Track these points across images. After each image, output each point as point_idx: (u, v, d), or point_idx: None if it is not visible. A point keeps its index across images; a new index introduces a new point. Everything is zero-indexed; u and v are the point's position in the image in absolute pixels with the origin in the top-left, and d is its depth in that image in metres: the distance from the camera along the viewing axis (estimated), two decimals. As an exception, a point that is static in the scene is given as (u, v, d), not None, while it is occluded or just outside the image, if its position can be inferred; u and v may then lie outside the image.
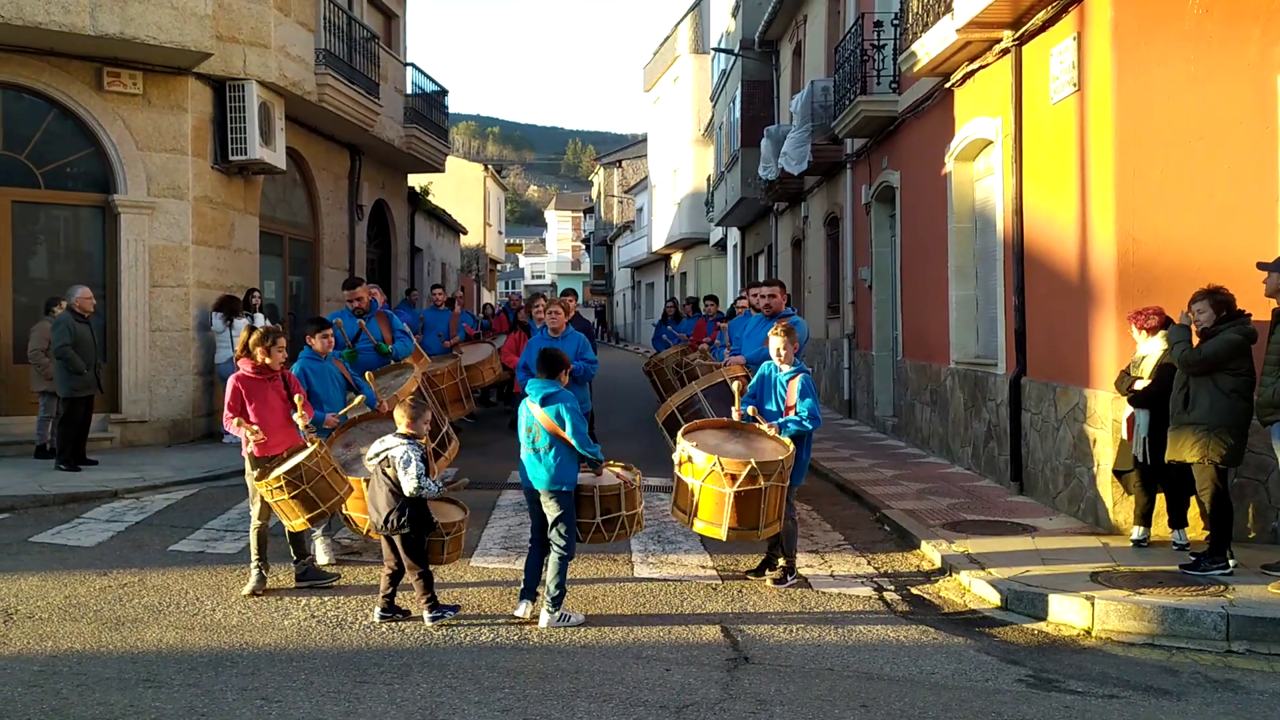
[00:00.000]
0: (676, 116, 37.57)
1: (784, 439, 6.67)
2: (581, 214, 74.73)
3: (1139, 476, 7.44)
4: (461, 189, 37.10)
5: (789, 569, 7.01)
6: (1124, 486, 7.71)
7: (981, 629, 6.22)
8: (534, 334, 10.78)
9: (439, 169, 21.93)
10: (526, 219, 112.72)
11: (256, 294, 13.46)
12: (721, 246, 32.50)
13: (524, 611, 6.23)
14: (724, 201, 26.13)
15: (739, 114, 23.24)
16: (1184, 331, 6.81)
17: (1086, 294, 8.30)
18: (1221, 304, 6.71)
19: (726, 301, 22.78)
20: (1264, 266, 6.70)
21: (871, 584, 7.11)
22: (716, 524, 6.42)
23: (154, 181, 12.53)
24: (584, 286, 64.94)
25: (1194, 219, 7.76)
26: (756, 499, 6.39)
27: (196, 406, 12.83)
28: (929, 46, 10.66)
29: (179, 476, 10.45)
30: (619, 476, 6.51)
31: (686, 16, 36.23)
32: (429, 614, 6.05)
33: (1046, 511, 8.80)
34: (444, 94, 21.86)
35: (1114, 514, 7.88)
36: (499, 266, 53.74)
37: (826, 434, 13.39)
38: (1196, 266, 7.54)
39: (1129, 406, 7.39)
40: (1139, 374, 7.29)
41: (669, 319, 15.96)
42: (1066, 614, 6.26)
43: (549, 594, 6.10)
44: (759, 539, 6.79)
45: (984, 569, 7.07)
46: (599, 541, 6.48)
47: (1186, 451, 6.72)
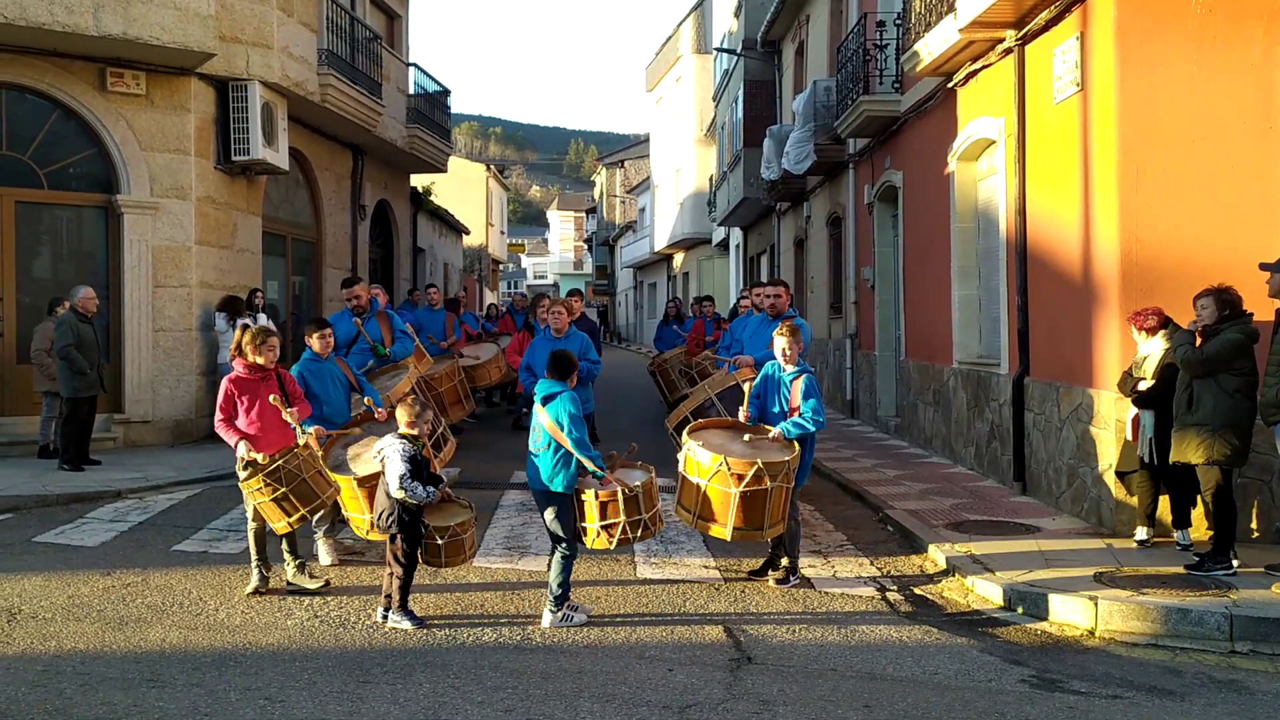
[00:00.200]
0: (679, 116, 37.57)
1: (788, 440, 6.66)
2: (584, 214, 74.71)
3: (1143, 477, 7.43)
4: (464, 189, 37.16)
5: (792, 569, 7.01)
6: (1127, 488, 7.71)
7: (985, 629, 6.21)
8: (538, 334, 10.79)
9: (441, 169, 21.94)
10: (529, 219, 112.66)
11: (259, 294, 13.46)
12: (724, 246, 32.47)
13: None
14: (726, 201, 26.12)
15: (741, 114, 23.24)
16: (1188, 334, 6.81)
17: (1089, 294, 8.29)
18: (1225, 302, 6.71)
19: (728, 302, 22.76)
20: (1266, 267, 6.71)
21: (874, 584, 7.11)
22: (722, 524, 6.43)
23: (157, 182, 12.55)
24: (586, 286, 64.92)
25: (1197, 219, 7.76)
26: (762, 499, 6.39)
27: (199, 406, 12.84)
28: (931, 46, 10.66)
29: (182, 476, 10.46)
30: (621, 482, 6.38)
31: (689, 16, 36.24)
32: (393, 612, 6.00)
33: (1049, 512, 8.79)
34: (446, 94, 21.87)
35: (1117, 515, 7.87)
36: (501, 267, 53.81)
37: (829, 434, 13.37)
38: (1199, 266, 7.53)
39: (1133, 407, 7.39)
40: (1141, 374, 7.28)
41: (671, 319, 15.96)
42: (1070, 614, 6.26)
43: (551, 593, 6.10)
44: (763, 539, 6.79)
45: (987, 569, 7.06)
46: (626, 543, 6.38)
47: (1191, 452, 6.71)
